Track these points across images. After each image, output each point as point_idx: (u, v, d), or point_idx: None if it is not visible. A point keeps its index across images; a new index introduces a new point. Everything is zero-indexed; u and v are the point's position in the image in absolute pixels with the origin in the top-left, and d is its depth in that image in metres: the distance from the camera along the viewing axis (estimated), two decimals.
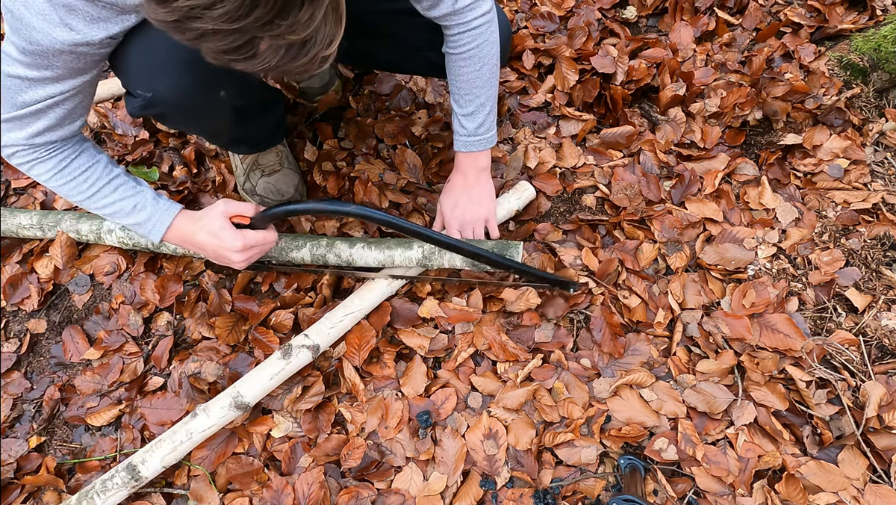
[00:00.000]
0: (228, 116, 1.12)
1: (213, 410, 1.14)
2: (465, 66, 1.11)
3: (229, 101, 1.05)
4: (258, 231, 1.06)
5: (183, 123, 1.09)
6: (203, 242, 1.04)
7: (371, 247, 1.27)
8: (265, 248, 1.09)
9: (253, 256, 1.08)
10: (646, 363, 1.25)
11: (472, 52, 1.09)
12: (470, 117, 1.18)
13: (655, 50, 1.69)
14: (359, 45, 1.31)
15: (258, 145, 1.40)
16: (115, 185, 1.02)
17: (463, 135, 1.20)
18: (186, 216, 1.06)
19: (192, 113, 1.03)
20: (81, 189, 0.99)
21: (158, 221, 1.04)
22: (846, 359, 1.22)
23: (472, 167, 1.24)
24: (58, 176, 0.97)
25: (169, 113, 1.01)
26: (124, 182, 1.03)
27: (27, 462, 1.23)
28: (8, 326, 1.40)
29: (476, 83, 1.13)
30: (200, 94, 0.98)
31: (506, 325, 1.30)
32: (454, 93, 1.17)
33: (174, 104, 0.96)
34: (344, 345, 1.28)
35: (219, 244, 1.03)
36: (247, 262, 1.07)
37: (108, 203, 1.02)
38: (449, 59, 1.13)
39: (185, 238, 1.07)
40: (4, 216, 1.43)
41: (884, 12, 1.68)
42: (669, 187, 1.48)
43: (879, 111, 1.56)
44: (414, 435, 1.20)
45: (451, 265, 1.25)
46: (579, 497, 1.13)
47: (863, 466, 1.10)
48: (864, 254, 1.35)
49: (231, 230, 1.02)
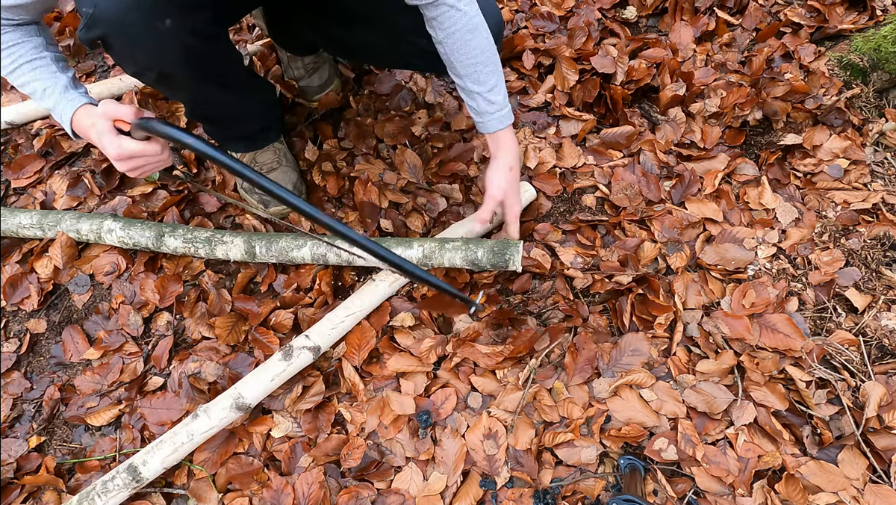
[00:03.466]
0: (178, 55, 1.04)
1: (214, 411, 1.14)
2: (473, 37, 1.08)
3: (175, 34, 0.99)
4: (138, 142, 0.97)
5: (128, 55, 1.02)
6: (94, 142, 1.00)
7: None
8: (149, 161, 1.00)
9: (135, 167, 1.00)
10: (646, 363, 1.25)
11: (474, 20, 1.07)
12: (496, 90, 1.14)
13: (655, 50, 1.69)
14: (342, 34, 1.30)
15: (253, 142, 1.39)
16: (33, 66, 1.02)
17: (495, 111, 1.15)
18: (85, 111, 1.02)
19: (134, 38, 0.97)
20: (5, 63, 1.01)
21: (63, 111, 1.03)
22: (846, 359, 1.22)
23: (512, 138, 1.18)
24: None
25: (111, 35, 0.95)
26: (45, 65, 1.02)
27: (27, 462, 1.23)
28: (8, 326, 1.40)
29: (488, 52, 1.11)
30: (142, 17, 0.94)
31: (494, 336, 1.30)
32: (469, 74, 1.12)
33: (115, 23, 0.93)
34: (344, 345, 1.28)
35: (101, 146, 0.99)
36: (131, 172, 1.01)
37: (26, 82, 1.03)
38: (452, 40, 1.09)
39: (85, 133, 1.03)
40: (4, 216, 1.43)
41: (884, 12, 1.68)
42: (669, 187, 1.48)
43: (879, 111, 1.56)
44: (414, 435, 1.20)
45: (450, 263, 1.26)
46: (579, 497, 1.13)
47: (863, 466, 1.10)
48: (864, 254, 1.35)
49: (110, 134, 0.97)
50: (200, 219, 1.46)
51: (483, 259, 1.23)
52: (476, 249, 1.24)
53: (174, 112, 1.65)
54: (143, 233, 1.36)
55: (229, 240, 1.32)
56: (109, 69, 1.81)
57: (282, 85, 1.62)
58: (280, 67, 1.67)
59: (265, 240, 1.31)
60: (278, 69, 1.68)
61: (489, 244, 1.24)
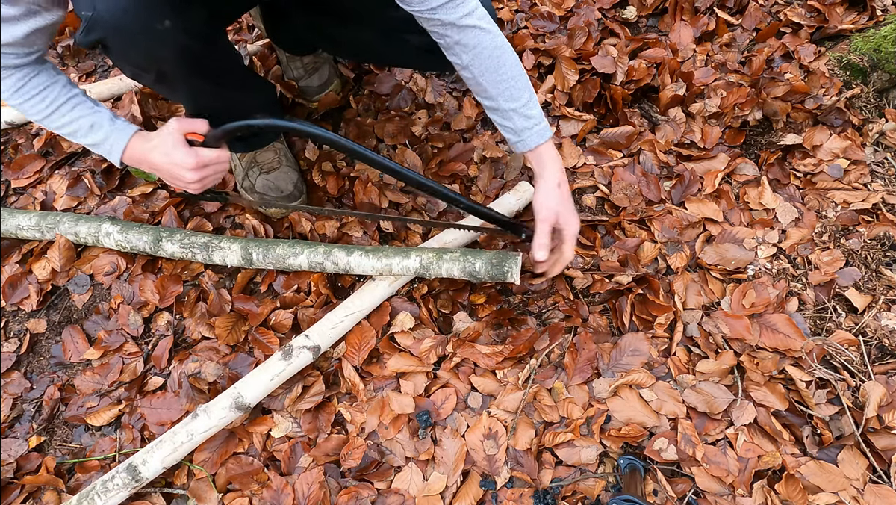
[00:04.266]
0: (175, 55, 1.04)
1: (214, 411, 1.14)
2: (501, 54, 1.06)
3: (173, 35, 0.99)
4: (213, 149, 1.04)
5: (125, 56, 1.03)
6: (157, 162, 1.04)
7: (369, 255, 1.27)
8: (219, 168, 1.07)
9: (207, 176, 1.06)
10: (646, 363, 1.25)
11: (498, 38, 1.05)
12: (530, 103, 1.10)
13: (655, 50, 1.69)
14: (339, 32, 1.29)
15: (254, 141, 1.39)
16: (72, 105, 1.03)
17: (532, 125, 1.10)
18: (142, 136, 1.06)
19: (132, 40, 0.97)
20: (40, 108, 1.01)
21: (116, 141, 1.04)
22: (846, 359, 1.22)
23: (555, 153, 1.13)
24: (17, 95, 0.99)
25: (109, 38, 0.96)
26: (82, 102, 1.04)
27: (27, 462, 1.23)
28: (8, 326, 1.40)
29: (517, 66, 1.08)
30: (140, 18, 0.94)
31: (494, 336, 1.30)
32: (502, 93, 1.08)
33: (113, 26, 0.93)
34: (344, 345, 1.28)
35: (172, 162, 1.02)
36: (201, 183, 1.06)
37: (67, 122, 1.03)
38: (479, 60, 1.05)
39: (141, 158, 1.06)
40: (4, 218, 1.43)
41: (884, 12, 1.68)
42: (669, 187, 1.48)
43: (879, 111, 1.56)
44: (414, 435, 1.20)
45: (448, 274, 1.25)
46: (579, 497, 1.13)
47: (862, 466, 1.10)
48: (863, 254, 1.35)
49: (184, 147, 1.02)
50: (200, 219, 1.45)
51: (481, 271, 1.22)
52: (474, 261, 1.22)
53: (174, 112, 1.66)
54: (141, 237, 1.35)
55: (226, 246, 1.32)
56: (109, 69, 1.82)
57: (282, 85, 1.62)
58: (280, 68, 1.67)
59: (262, 246, 1.31)
60: (278, 69, 1.68)
61: (488, 255, 1.23)
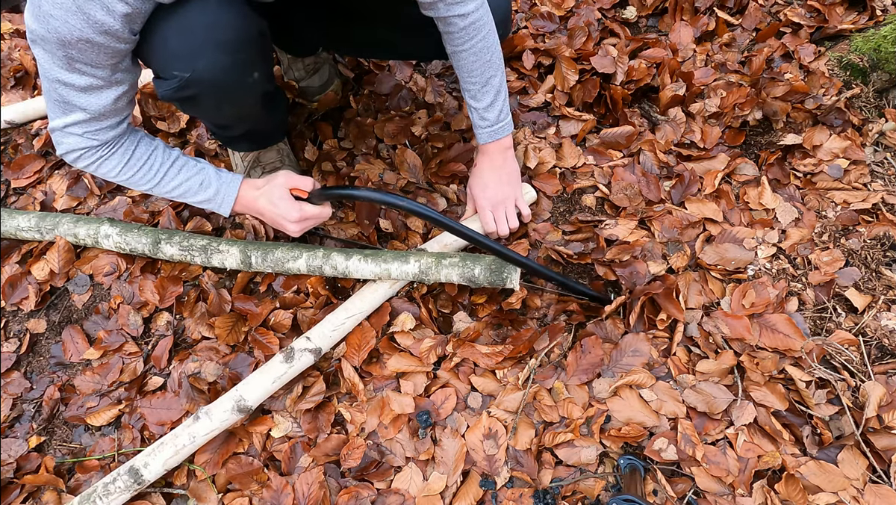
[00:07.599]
0: (258, 100, 1.13)
1: (216, 413, 1.14)
2: (476, 59, 1.13)
3: (260, 84, 1.07)
4: (314, 206, 1.15)
5: (214, 107, 1.08)
6: (263, 209, 1.13)
7: (367, 259, 1.26)
8: (319, 221, 1.19)
9: (307, 226, 1.17)
10: (646, 364, 1.25)
11: (478, 44, 1.10)
12: (490, 108, 1.20)
13: (655, 50, 1.69)
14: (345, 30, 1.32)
15: (262, 141, 1.40)
16: (178, 167, 1.08)
17: (486, 126, 1.24)
18: (249, 184, 1.14)
19: (227, 94, 1.02)
20: (149, 177, 1.06)
21: (227, 194, 1.11)
22: (846, 359, 1.22)
23: (497, 150, 1.28)
24: (125, 169, 1.04)
25: (204, 94, 0.99)
26: (185, 162, 1.09)
27: (27, 462, 1.23)
28: (8, 326, 1.40)
29: (488, 73, 1.16)
30: (237, 75, 1.00)
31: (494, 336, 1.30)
32: (468, 89, 1.19)
33: (212, 84, 0.96)
34: (344, 345, 1.28)
35: (277, 212, 1.12)
36: (301, 231, 1.16)
37: (177, 185, 1.08)
38: (456, 56, 1.14)
39: (248, 205, 1.14)
40: (4, 218, 1.43)
41: (884, 12, 1.68)
42: (669, 187, 1.48)
43: (879, 111, 1.56)
44: (414, 435, 1.20)
45: (447, 280, 1.25)
46: (579, 497, 1.13)
47: (862, 466, 1.10)
48: (863, 254, 1.35)
49: (289, 201, 1.11)
50: (199, 220, 1.45)
51: (480, 277, 1.22)
52: (473, 267, 1.22)
53: (175, 112, 1.65)
54: (140, 239, 1.35)
55: (225, 249, 1.32)
56: None
57: (282, 85, 1.62)
58: (280, 68, 1.67)
59: (261, 250, 1.31)
60: (278, 70, 1.68)
61: (487, 261, 1.22)
